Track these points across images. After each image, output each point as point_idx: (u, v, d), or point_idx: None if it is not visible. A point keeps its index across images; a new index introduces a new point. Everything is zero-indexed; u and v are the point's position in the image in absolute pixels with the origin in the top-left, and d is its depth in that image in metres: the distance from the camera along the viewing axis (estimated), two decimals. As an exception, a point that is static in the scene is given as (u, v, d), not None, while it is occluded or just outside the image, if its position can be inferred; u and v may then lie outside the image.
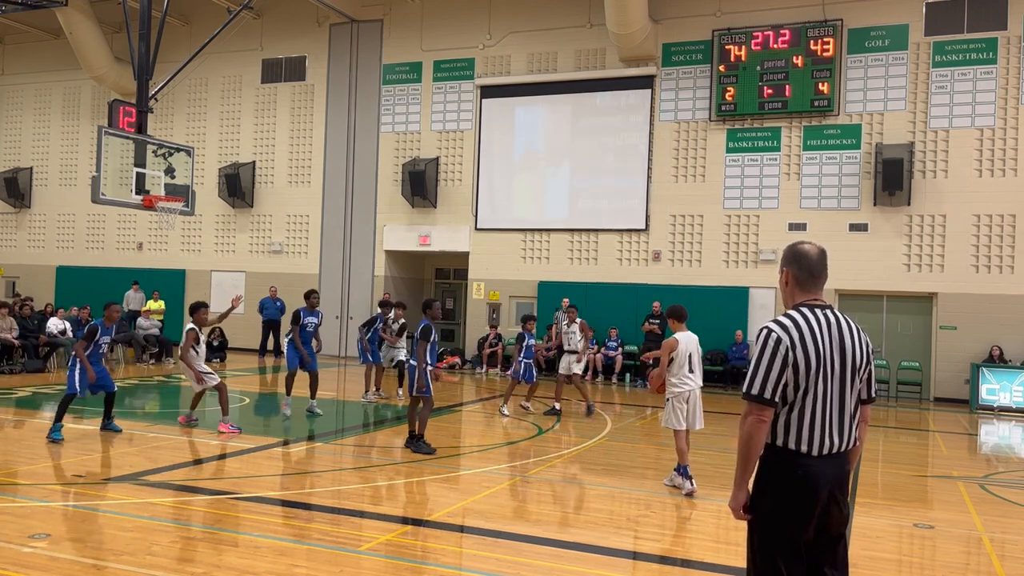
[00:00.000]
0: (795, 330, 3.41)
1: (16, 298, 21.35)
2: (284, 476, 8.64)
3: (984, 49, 17.85)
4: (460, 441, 11.27)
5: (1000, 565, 6.37)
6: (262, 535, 6.26)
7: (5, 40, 27.97)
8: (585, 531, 6.83)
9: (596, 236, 20.83)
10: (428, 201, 22.20)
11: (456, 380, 19.01)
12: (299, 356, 12.30)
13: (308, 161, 23.88)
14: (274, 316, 22.17)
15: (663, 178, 20.20)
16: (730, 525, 6.96)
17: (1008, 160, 17.62)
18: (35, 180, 27.53)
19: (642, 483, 8.77)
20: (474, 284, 22.05)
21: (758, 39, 19.19)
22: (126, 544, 5.91)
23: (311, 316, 12.57)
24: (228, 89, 24.90)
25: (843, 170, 18.74)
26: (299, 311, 12.52)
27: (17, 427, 10.99)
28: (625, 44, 19.79)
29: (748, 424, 3.40)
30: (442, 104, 22.44)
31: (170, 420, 11.82)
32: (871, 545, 6.68)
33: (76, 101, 27.04)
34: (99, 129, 15.36)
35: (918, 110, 18.29)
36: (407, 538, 6.42)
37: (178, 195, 16.35)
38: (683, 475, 8.30)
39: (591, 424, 12.89)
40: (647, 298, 19.33)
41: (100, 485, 7.77)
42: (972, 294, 17.74)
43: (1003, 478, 10.00)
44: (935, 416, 15.89)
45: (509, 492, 8.16)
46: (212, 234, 24.93)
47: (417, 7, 22.67)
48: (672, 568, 5.97)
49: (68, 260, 26.69)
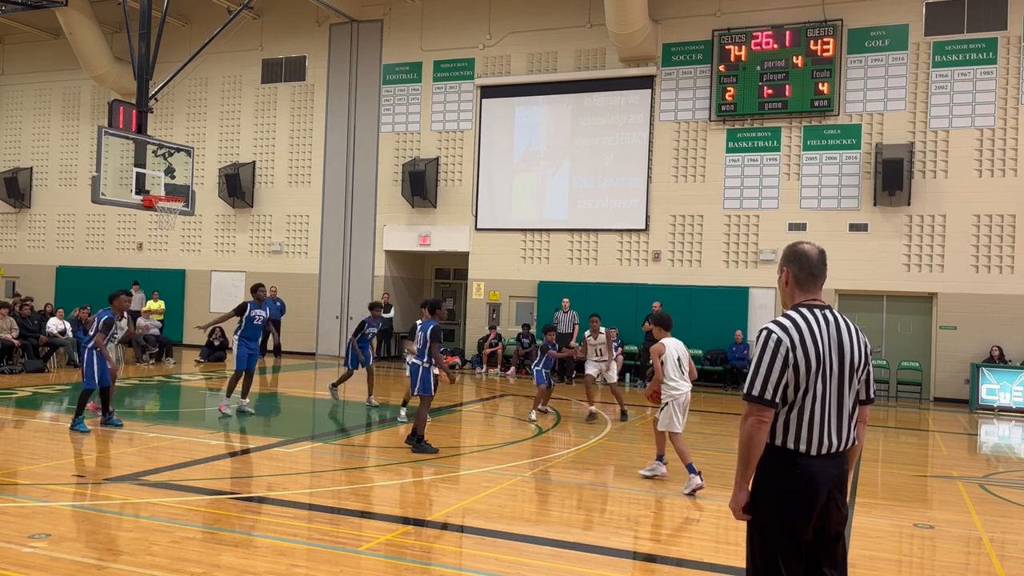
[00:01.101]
0: (795, 331, 3.41)
1: (16, 298, 21.35)
2: (284, 476, 8.64)
3: (984, 49, 17.85)
4: (460, 441, 11.27)
5: (1000, 565, 6.37)
6: (261, 535, 6.26)
7: (5, 40, 27.97)
8: (585, 531, 6.83)
9: (596, 236, 20.83)
10: (428, 201, 22.20)
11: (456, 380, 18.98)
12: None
13: (308, 161, 23.89)
14: (274, 316, 22.15)
15: (663, 178, 20.20)
16: (730, 525, 6.96)
17: (1008, 160, 17.62)
18: (35, 180, 27.54)
19: (642, 483, 8.77)
20: (474, 284, 22.05)
21: (758, 39, 19.19)
22: (126, 544, 5.91)
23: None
24: (228, 89, 24.90)
25: (843, 170, 18.74)
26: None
27: (17, 427, 10.99)
28: (625, 44, 19.79)
29: (748, 425, 3.40)
30: (442, 104, 22.44)
31: (170, 420, 11.82)
32: (871, 545, 6.68)
33: (76, 101, 27.04)
34: (99, 129, 15.36)
35: (918, 110, 18.29)
36: (407, 538, 6.42)
37: (178, 195, 16.35)
38: (692, 471, 8.30)
39: (591, 424, 12.90)
40: (647, 298, 19.33)
41: (100, 485, 7.76)
42: (972, 294, 17.74)
43: (1003, 478, 10.00)
44: (935, 416, 15.89)
45: (509, 492, 8.16)
46: (212, 234, 24.93)
47: (417, 7, 22.67)
48: (672, 568, 5.97)
49: (68, 260, 26.69)
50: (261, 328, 12.37)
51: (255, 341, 12.30)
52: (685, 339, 19.53)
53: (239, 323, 12.27)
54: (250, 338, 12.22)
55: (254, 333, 12.26)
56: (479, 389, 17.49)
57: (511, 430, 12.15)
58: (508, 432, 12.05)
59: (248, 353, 12.21)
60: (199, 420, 12.12)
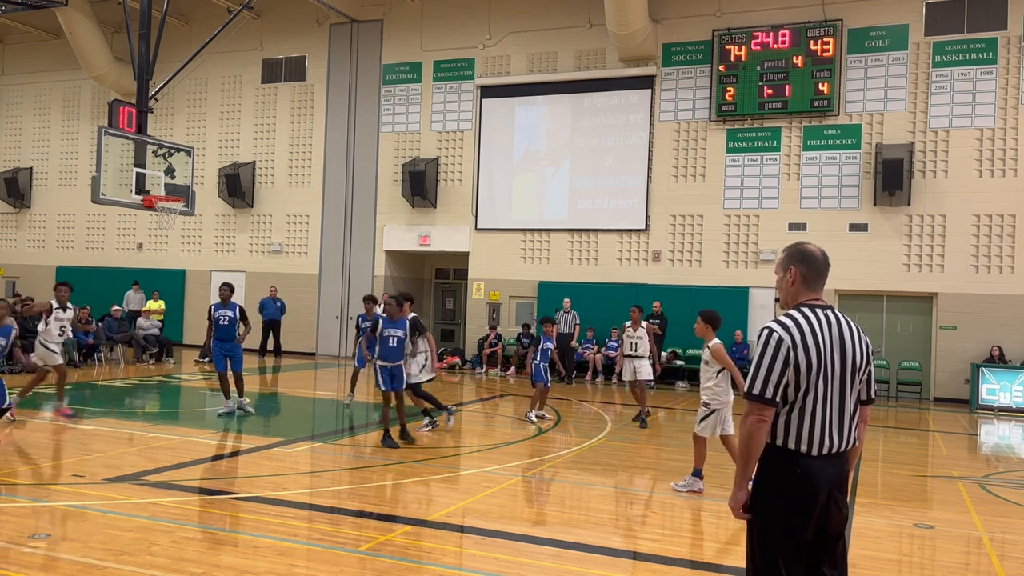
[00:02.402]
0: (796, 330, 3.41)
1: (16, 298, 21.34)
2: (284, 476, 8.64)
3: (984, 49, 17.85)
4: (460, 441, 11.27)
5: (1000, 565, 6.37)
6: (262, 535, 6.25)
7: (5, 40, 27.97)
8: (585, 531, 6.83)
9: (596, 236, 20.83)
10: (428, 201, 22.20)
11: (456, 380, 19.01)
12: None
13: (308, 161, 23.88)
14: (274, 316, 22.18)
15: (663, 178, 20.20)
16: (730, 525, 6.96)
17: (1008, 160, 17.62)
18: (35, 180, 27.53)
19: (642, 483, 8.77)
20: (474, 284, 22.05)
21: (758, 39, 19.19)
22: (126, 544, 5.90)
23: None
24: (228, 89, 24.90)
25: (843, 170, 18.74)
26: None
27: (17, 427, 10.99)
28: (625, 44, 19.78)
29: (749, 424, 3.40)
30: (442, 104, 22.44)
31: (170, 420, 11.82)
32: (871, 545, 6.68)
33: (76, 101, 27.04)
34: (99, 129, 15.36)
35: (918, 110, 18.29)
36: (407, 538, 6.41)
37: (178, 195, 16.34)
38: (699, 476, 8.24)
39: (591, 424, 12.89)
40: (647, 298, 19.30)
41: (100, 485, 7.76)
42: (972, 294, 17.74)
43: (1003, 478, 10.00)
44: (935, 416, 15.88)
45: (509, 492, 8.15)
46: (212, 234, 24.93)
47: (417, 7, 22.67)
48: (672, 568, 5.97)
49: (68, 260, 26.68)
50: (231, 328, 11.95)
51: (229, 342, 11.96)
52: (685, 339, 19.66)
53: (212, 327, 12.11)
54: (221, 339, 11.94)
55: (223, 333, 11.94)
56: (479, 389, 17.49)
57: (511, 430, 12.15)
58: (508, 432, 12.05)
59: (222, 354, 11.95)
60: (199, 420, 12.12)
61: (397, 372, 10.25)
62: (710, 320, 8.03)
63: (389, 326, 10.25)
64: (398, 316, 10.32)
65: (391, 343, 10.20)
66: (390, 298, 10.68)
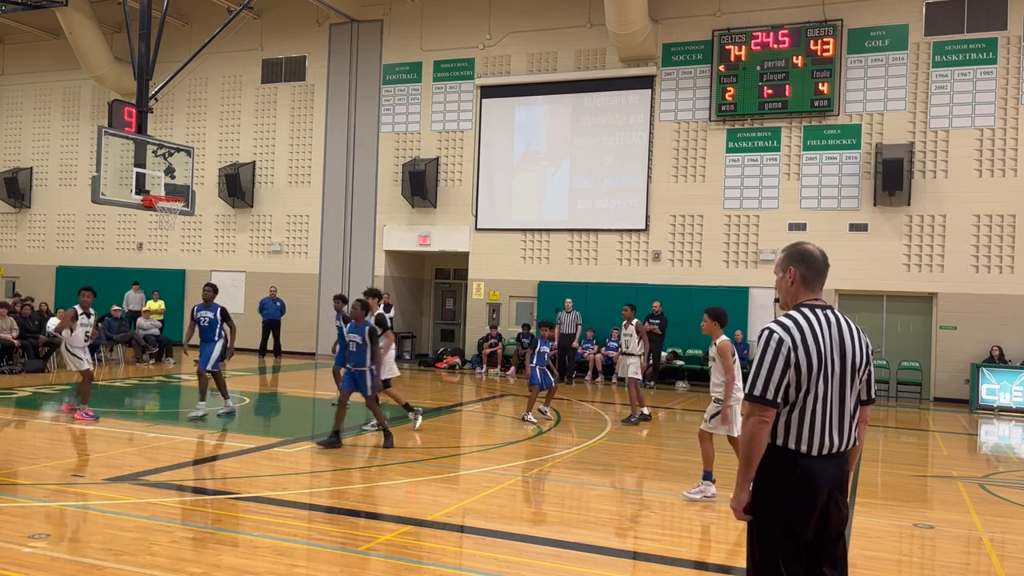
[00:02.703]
0: (796, 331, 3.41)
1: (16, 298, 21.35)
2: (284, 476, 8.64)
3: (984, 49, 17.85)
4: (460, 441, 11.27)
5: (1000, 565, 6.37)
6: (262, 535, 6.25)
7: (5, 40, 27.96)
8: (585, 531, 6.82)
9: (596, 236, 20.83)
10: (428, 201, 22.20)
11: (456, 380, 19.01)
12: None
13: (308, 161, 23.88)
14: (274, 316, 22.18)
15: (663, 178, 20.20)
16: (730, 525, 6.96)
17: (1008, 160, 17.62)
18: (35, 180, 27.53)
19: (642, 483, 8.77)
20: (474, 284, 22.05)
21: (758, 39, 19.19)
22: (126, 544, 5.90)
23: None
24: (228, 89, 24.90)
25: (843, 170, 18.74)
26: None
27: (17, 427, 10.99)
28: (625, 44, 19.78)
29: (750, 425, 3.40)
30: (442, 104, 22.44)
31: (170, 420, 11.81)
32: (871, 545, 6.68)
33: (76, 101, 27.04)
34: (99, 129, 15.34)
35: (918, 110, 18.29)
36: (407, 538, 6.41)
37: (178, 195, 16.33)
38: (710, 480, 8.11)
39: (591, 424, 12.89)
40: (647, 298, 19.29)
41: (100, 485, 7.76)
42: (972, 294, 17.74)
43: (1003, 478, 10.00)
44: (935, 416, 15.88)
45: (509, 492, 8.15)
46: (212, 234, 24.93)
47: (417, 7, 22.67)
48: (673, 568, 5.96)
49: (68, 260, 26.68)
50: (213, 329, 11.85)
51: (210, 343, 11.87)
52: (685, 339, 19.67)
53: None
54: (203, 340, 11.89)
55: (204, 334, 11.88)
56: (479, 389, 17.49)
57: (511, 430, 12.15)
58: (508, 432, 12.04)
59: (206, 353, 11.88)
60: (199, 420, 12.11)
61: (360, 377, 10.06)
62: (717, 317, 7.98)
63: (352, 331, 10.16)
64: (361, 320, 10.20)
65: (351, 348, 10.11)
66: (355, 301, 10.51)
